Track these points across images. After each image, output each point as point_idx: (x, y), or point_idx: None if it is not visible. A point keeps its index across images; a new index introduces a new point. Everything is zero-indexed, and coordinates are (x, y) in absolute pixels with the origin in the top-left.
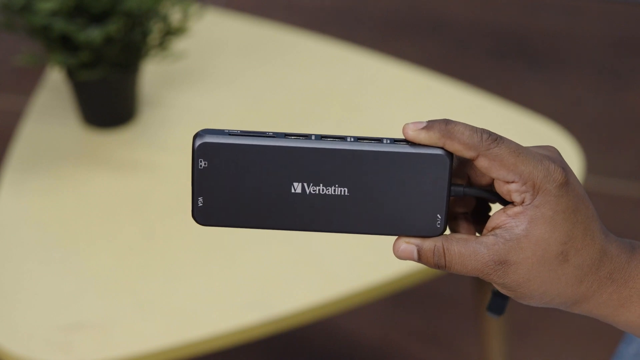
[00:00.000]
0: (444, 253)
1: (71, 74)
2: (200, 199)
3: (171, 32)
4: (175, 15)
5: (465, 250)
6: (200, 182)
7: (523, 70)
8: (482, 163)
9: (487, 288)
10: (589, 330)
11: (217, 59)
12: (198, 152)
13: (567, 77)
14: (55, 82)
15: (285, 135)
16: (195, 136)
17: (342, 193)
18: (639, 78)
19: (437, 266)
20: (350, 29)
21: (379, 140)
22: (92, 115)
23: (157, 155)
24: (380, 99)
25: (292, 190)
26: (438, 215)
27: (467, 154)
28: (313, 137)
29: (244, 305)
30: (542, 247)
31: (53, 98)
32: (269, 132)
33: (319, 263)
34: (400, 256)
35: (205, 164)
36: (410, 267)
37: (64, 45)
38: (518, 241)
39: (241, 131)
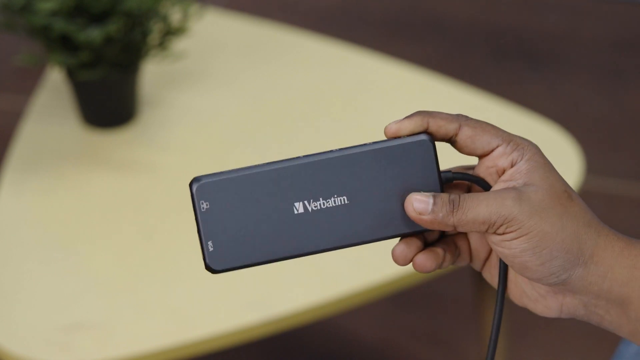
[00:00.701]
0: (459, 198)
1: (71, 74)
2: (210, 242)
3: (171, 32)
4: (175, 15)
5: (479, 196)
6: (206, 226)
7: (523, 70)
8: (466, 132)
9: (487, 288)
10: (589, 330)
11: (217, 59)
12: (197, 195)
13: (567, 78)
14: (55, 82)
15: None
16: (192, 182)
17: (343, 202)
18: (639, 78)
19: (449, 214)
20: (350, 29)
21: (362, 145)
22: (92, 115)
23: (157, 155)
24: (380, 99)
25: (295, 212)
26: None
27: (450, 126)
28: (301, 157)
29: (244, 305)
30: (549, 183)
31: (53, 98)
32: (260, 164)
33: (319, 263)
34: (417, 208)
35: (207, 205)
36: (410, 267)
37: (64, 45)
38: (525, 187)
39: (234, 169)
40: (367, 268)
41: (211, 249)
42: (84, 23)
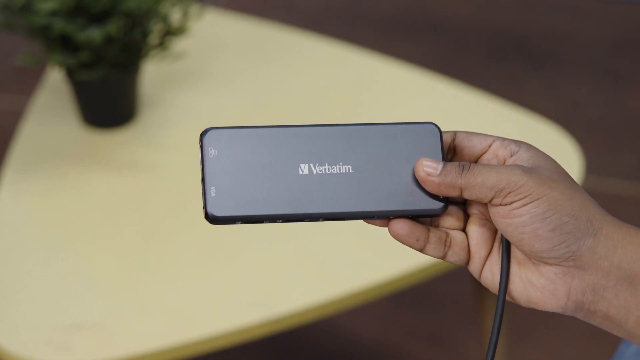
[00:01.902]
0: (469, 165)
1: (71, 74)
2: (213, 188)
3: (171, 32)
4: (175, 15)
5: (489, 165)
6: (211, 171)
7: (523, 70)
8: (461, 135)
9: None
10: (589, 330)
11: (217, 59)
12: (207, 140)
13: (567, 78)
14: (55, 82)
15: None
16: (203, 131)
17: (347, 171)
18: (639, 78)
19: (458, 176)
20: (350, 29)
21: (372, 123)
22: (92, 115)
23: (157, 155)
24: (380, 99)
25: (300, 172)
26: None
27: (445, 135)
28: (313, 124)
29: (244, 305)
30: (553, 164)
31: (53, 98)
32: (272, 125)
33: (319, 263)
34: (426, 169)
35: (214, 152)
36: (410, 267)
37: (64, 45)
38: (532, 167)
39: (246, 125)
40: (367, 268)
41: (213, 195)
42: (84, 23)
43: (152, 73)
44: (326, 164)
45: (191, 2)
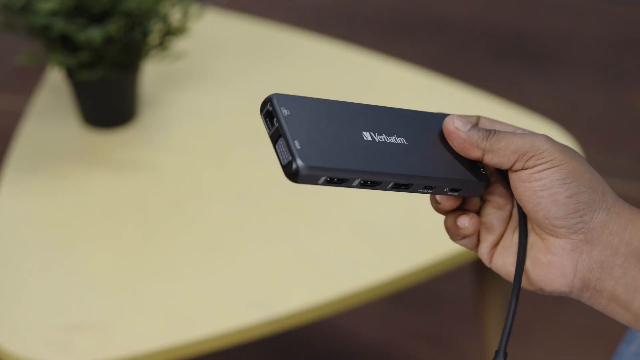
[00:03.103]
0: (495, 131)
1: (71, 74)
2: (296, 141)
3: (171, 32)
4: (175, 15)
5: (513, 133)
6: (290, 126)
7: (523, 70)
8: (483, 121)
9: (488, 288)
10: (589, 330)
11: (217, 59)
12: (277, 101)
13: (567, 77)
14: (55, 82)
15: None
16: (268, 97)
17: (402, 142)
18: (639, 78)
19: (484, 138)
20: (351, 29)
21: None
22: (92, 115)
23: (157, 155)
24: (381, 99)
25: (364, 138)
26: (479, 164)
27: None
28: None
29: (244, 305)
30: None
31: (53, 98)
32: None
33: (319, 263)
34: (456, 123)
35: (287, 112)
36: (410, 267)
37: (64, 45)
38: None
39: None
40: (367, 268)
41: (299, 147)
42: (84, 23)
43: (152, 73)
44: (384, 135)
45: (191, 2)
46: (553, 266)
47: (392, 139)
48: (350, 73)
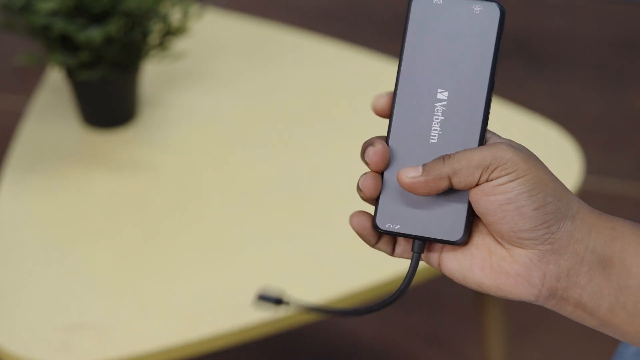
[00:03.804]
0: (450, 154)
1: (71, 74)
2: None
3: (171, 32)
4: (175, 15)
5: (471, 148)
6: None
7: (523, 70)
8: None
9: None
10: (589, 330)
11: (217, 59)
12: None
13: (568, 77)
14: (55, 82)
15: None
16: None
17: (433, 138)
18: (639, 78)
19: (441, 165)
20: (350, 29)
21: None
22: (92, 115)
23: (157, 155)
24: None
25: (439, 92)
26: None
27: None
28: None
29: (244, 305)
30: (528, 150)
31: (53, 98)
32: None
33: (319, 263)
34: (408, 174)
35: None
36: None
37: (64, 45)
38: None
39: None
40: (367, 268)
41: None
42: (84, 23)
43: (152, 73)
44: (441, 118)
45: (191, 2)
46: (520, 277)
47: (435, 128)
48: (350, 73)
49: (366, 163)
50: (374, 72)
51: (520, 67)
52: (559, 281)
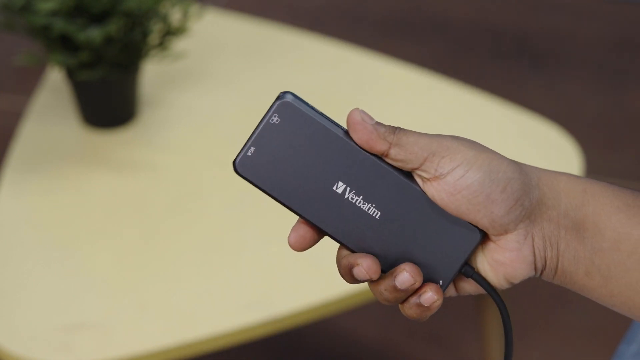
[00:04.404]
0: (402, 128)
1: (71, 74)
2: (253, 149)
3: (171, 32)
4: (175, 15)
5: (421, 133)
6: (261, 135)
7: (523, 70)
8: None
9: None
10: (589, 330)
11: (217, 59)
12: (278, 108)
13: (568, 77)
14: (55, 82)
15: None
16: (283, 93)
17: (374, 215)
18: (639, 78)
19: (391, 133)
20: (350, 29)
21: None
22: (92, 115)
23: (157, 155)
24: (381, 99)
25: (334, 188)
26: (441, 280)
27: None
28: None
29: (244, 305)
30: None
31: (53, 98)
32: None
33: (319, 263)
34: (363, 116)
35: (277, 120)
36: None
37: (64, 45)
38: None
39: (322, 113)
40: None
41: (249, 154)
42: (84, 23)
43: (152, 73)
44: (361, 197)
45: (191, 2)
46: (515, 261)
47: (366, 207)
48: (350, 73)
49: (356, 281)
50: (374, 72)
51: (520, 67)
52: (546, 251)
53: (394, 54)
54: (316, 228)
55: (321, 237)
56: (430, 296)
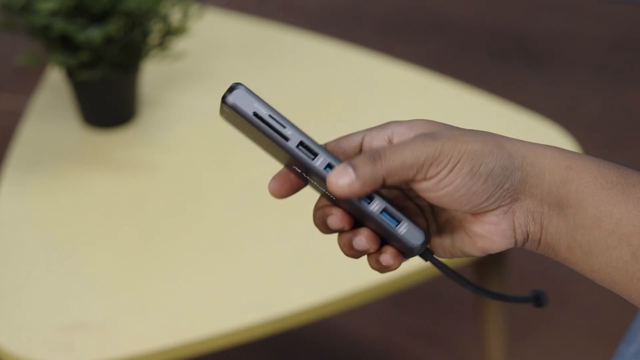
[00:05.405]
0: (379, 151)
1: (71, 74)
2: (243, 87)
3: (171, 32)
4: (175, 15)
5: (399, 144)
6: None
7: (523, 70)
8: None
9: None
10: (589, 330)
11: (217, 59)
12: (225, 103)
13: (567, 77)
14: (55, 82)
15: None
16: (231, 88)
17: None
18: (639, 78)
19: (374, 168)
20: (350, 29)
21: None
22: (92, 115)
23: (157, 155)
24: (381, 99)
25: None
26: (405, 252)
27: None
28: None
29: (244, 305)
30: (430, 123)
31: (53, 98)
32: (291, 126)
33: (319, 263)
34: (341, 182)
35: (227, 110)
36: (410, 267)
37: (64, 45)
38: (426, 133)
39: (270, 113)
40: (367, 268)
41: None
42: (84, 23)
43: (152, 73)
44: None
45: (191, 2)
46: (494, 234)
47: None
48: (350, 73)
49: (329, 230)
50: (374, 72)
51: (520, 67)
52: (527, 226)
53: (394, 54)
54: (298, 174)
55: (301, 186)
56: (386, 259)
